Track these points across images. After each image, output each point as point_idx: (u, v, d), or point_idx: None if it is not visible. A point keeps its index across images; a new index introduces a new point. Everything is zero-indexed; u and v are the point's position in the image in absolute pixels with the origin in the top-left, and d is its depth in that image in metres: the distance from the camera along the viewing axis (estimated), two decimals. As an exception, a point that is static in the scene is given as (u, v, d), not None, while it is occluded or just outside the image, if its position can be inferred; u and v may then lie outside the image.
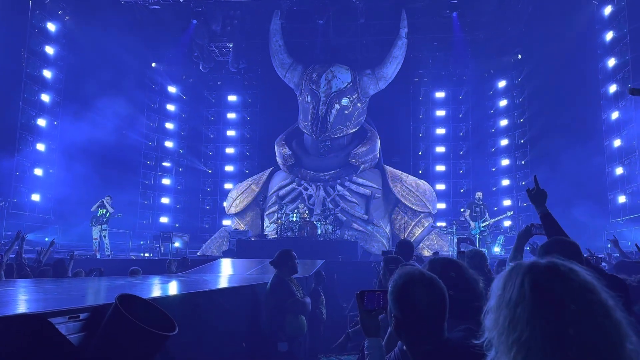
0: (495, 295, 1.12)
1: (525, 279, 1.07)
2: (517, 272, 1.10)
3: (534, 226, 3.32)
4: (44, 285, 4.02)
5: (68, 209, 14.39)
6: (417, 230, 16.78)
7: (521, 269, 1.10)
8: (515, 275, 1.10)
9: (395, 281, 1.82)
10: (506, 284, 1.10)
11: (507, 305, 1.07)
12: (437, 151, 18.66)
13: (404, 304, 1.76)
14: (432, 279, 1.79)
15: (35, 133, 14.39)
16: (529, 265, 1.10)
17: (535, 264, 1.10)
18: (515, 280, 1.09)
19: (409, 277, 1.79)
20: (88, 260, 12.07)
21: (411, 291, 1.75)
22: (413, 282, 1.77)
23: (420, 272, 1.83)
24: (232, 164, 19.72)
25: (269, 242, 13.60)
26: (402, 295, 1.77)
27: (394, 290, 1.80)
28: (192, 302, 3.22)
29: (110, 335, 1.89)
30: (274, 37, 17.49)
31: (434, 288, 1.76)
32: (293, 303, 4.65)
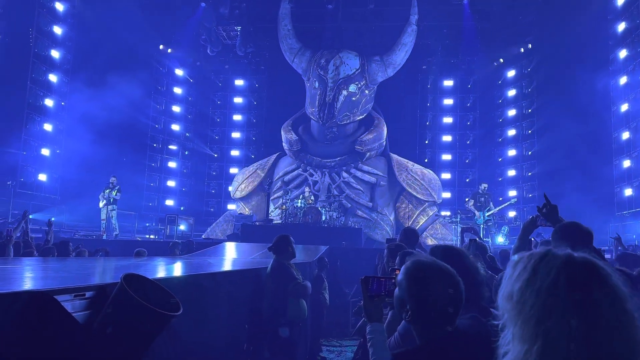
0: (521, 278, 1.09)
1: (561, 272, 1.06)
2: (552, 262, 1.08)
3: (540, 217, 3.30)
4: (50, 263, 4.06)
5: (74, 189, 14.48)
6: (421, 218, 16.78)
7: (557, 260, 1.08)
8: (550, 265, 1.07)
9: (410, 270, 1.82)
10: (536, 270, 1.08)
11: (538, 294, 1.05)
12: (444, 140, 18.58)
13: (418, 293, 1.76)
14: (448, 270, 1.80)
15: (42, 113, 14.42)
16: (566, 258, 1.08)
17: (571, 258, 1.08)
18: (550, 270, 1.07)
19: (424, 266, 1.79)
20: (94, 240, 12.16)
21: (427, 282, 1.75)
22: (429, 273, 1.77)
23: (436, 262, 1.83)
24: (238, 148, 19.72)
25: (273, 227, 13.64)
26: (417, 285, 1.77)
27: (410, 279, 1.79)
28: (197, 284, 3.24)
29: (116, 313, 1.91)
30: (283, 22, 17.38)
31: (450, 279, 1.77)
32: (295, 286, 4.68)
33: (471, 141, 18.44)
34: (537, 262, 1.10)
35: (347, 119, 17.33)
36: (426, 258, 1.89)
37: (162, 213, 16.92)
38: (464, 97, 18.66)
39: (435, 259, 1.89)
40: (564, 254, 1.10)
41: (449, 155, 18.43)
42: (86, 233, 13.60)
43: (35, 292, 1.79)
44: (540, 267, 1.08)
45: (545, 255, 1.10)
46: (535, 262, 1.10)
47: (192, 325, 2.89)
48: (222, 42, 19.04)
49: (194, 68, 19.54)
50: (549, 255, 1.10)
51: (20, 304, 1.72)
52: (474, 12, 16.19)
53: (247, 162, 19.12)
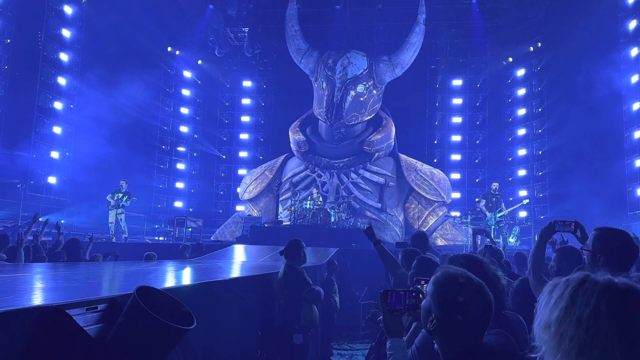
0: (559, 307, 1.03)
1: (602, 300, 1.00)
2: (591, 288, 1.02)
3: (557, 223, 3.20)
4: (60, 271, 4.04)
5: (84, 191, 14.53)
6: (430, 219, 16.69)
7: (597, 287, 1.02)
8: (589, 292, 1.01)
9: (441, 283, 1.76)
10: (574, 298, 1.02)
11: (578, 325, 0.99)
12: (453, 140, 18.45)
13: (448, 308, 1.69)
14: (482, 286, 1.74)
15: (51, 116, 14.48)
16: (606, 285, 1.02)
17: (612, 284, 1.02)
18: (590, 298, 1.01)
19: (457, 282, 1.73)
20: (103, 243, 12.19)
21: (459, 298, 1.69)
22: (462, 288, 1.71)
23: (468, 276, 1.77)
24: (246, 149, 19.72)
25: (282, 229, 13.61)
26: (448, 300, 1.70)
27: (439, 292, 1.74)
28: (208, 291, 3.20)
29: (129, 328, 1.87)
30: (290, 23, 17.35)
31: (482, 297, 1.71)
32: (310, 292, 4.62)
33: (481, 141, 18.30)
34: (575, 289, 1.03)
35: (355, 120, 17.28)
36: (457, 270, 1.83)
37: (171, 215, 16.95)
38: (473, 96, 18.53)
39: (466, 271, 1.82)
40: (604, 279, 1.03)
41: (459, 155, 18.30)
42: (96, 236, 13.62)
43: (47, 307, 1.75)
44: (579, 294, 1.02)
45: (584, 281, 1.04)
46: (574, 290, 1.03)
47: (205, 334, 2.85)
48: (229, 43, 19.05)
49: (201, 70, 19.56)
50: (588, 281, 1.04)
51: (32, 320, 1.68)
52: (483, 11, 16.08)
53: (255, 163, 19.11)
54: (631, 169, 13.60)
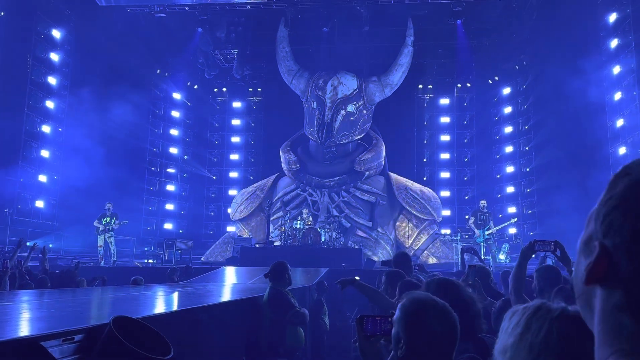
0: (515, 333, 1.05)
1: (553, 326, 1.01)
2: (545, 315, 1.04)
3: (537, 243, 3.25)
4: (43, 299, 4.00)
5: (72, 215, 14.42)
6: (422, 237, 16.71)
7: (549, 313, 1.04)
8: (542, 319, 1.03)
9: (406, 307, 1.80)
10: (529, 324, 1.04)
11: (530, 349, 1.00)
12: (442, 158, 18.60)
13: (413, 331, 1.73)
14: (444, 307, 1.77)
15: (39, 139, 14.44)
16: (559, 312, 1.04)
17: (565, 312, 1.04)
18: (542, 325, 1.03)
19: (420, 305, 1.77)
20: (92, 267, 12.07)
21: (423, 319, 1.73)
22: (425, 310, 1.75)
23: (432, 299, 1.81)
24: (237, 170, 19.73)
25: (272, 249, 13.56)
26: (412, 323, 1.75)
27: (404, 316, 1.77)
28: (192, 319, 3.19)
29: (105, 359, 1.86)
30: (281, 44, 17.53)
31: (446, 317, 1.74)
32: (294, 315, 4.60)
33: (469, 158, 18.47)
34: (530, 316, 1.06)
35: (345, 139, 17.38)
36: (421, 294, 1.86)
37: (161, 237, 16.83)
38: (461, 114, 18.75)
39: (430, 295, 1.86)
40: (557, 307, 1.06)
41: (448, 173, 18.43)
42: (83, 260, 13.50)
43: (22, 340, 1.75)
44: (532, 321, 1.05)
45: (539, 309, 1.07)
46: (528, 317, 1.06)
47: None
48: (219, 65, 19.18)
49: (191, 91, 19.65)
50: (542, 309, 1.06)
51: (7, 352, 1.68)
52: (468, 31, 16.35)
53: (245, 183, 19.10)
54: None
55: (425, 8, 16.10)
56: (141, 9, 16.18)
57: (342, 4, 15.93)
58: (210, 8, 16.33)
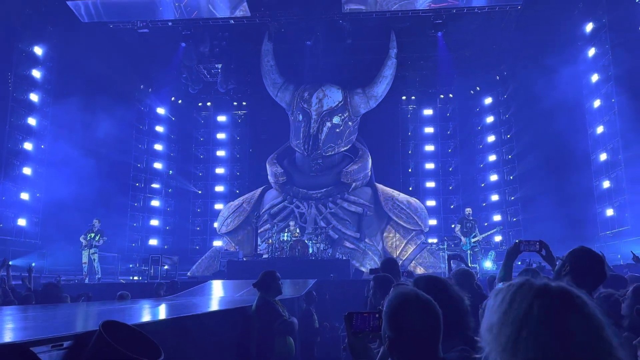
0: (500, 310, 1.09)
1: (535, 301, 1.05)
2: (527, 291, 1.08)
3: (522, 243, 3.30)
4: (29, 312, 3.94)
5: (55, 232, 14.20)
6: (409, 247, 16.78)
7: (532, 289, 1.08)
8: (525, 295, 1.07)
9: (391, 301, 1.82)
10: (513, 301, 1.08)
11: (512, 324, 1.05)
12: (427, 168, 18.75)
13: (397, 324, 1.75)
14: (428, 300, 1.79)
15: (21, 157, 14.26)
16: (540, 288, 1.08)
17: (546, 287, 1.07)
18: (524, 300, 1.06)
19: (404, 298, 1.79)
20: (76, 285, 11.89)
21: (406, 312, 1.75)
22: (408, 303, 1.77)
23: (415, 293, 1.82)
24: (223, 184, 19.65)
25: (259, 262, 13.50)
26: (396, 316, 1.76)
27: (388, 310, 1.79)
28: (180, 327, 3.17)
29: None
30: (265, 58, 17.63)
31: (429, 310, 1.76)
32: (282, 324, 4.58)
33: (453, 168, 18.65)
34: (514, 292, 1.09)
35: (331, 150, 17.47)
36: (406, 288, 1.88)
37: (146, 253, 16.64)
38: (444, 125, 18.97)
39: (415, 289, 1.88)
40: (540, 283, 1.10)
41: (433, 183, 18.58)
42: (68, 277, 13.29)
43: (11, 345, 1.73)
44: (516, 297, 1.08)
45: (522, 285, 1.10)
46: (513, 293, 1.09)
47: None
48: (203, 79, 19.20)
49: (175, 106, 19.61)
50: (526, 284, 1.10)
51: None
52: (449, 42, 16.59)
53: (232, 197, 19.03)
54: (600, 190, 13.97)
55: (406, 21, 16.34)
56: (124, 25, 16.16)
57: (324, 18, 16.10)
58: (193, 23, 16.38)
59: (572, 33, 14.86)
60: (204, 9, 15.72)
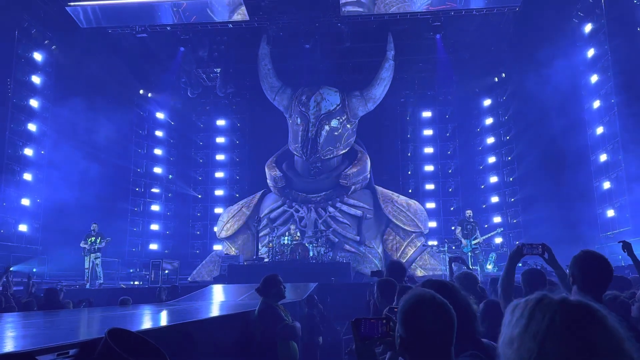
0: (519, 324, 1.10)
1: (556, 314, 1.06)
2: (548, 305, 1.09)
3: (525, 246, 3.27)
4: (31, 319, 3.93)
5: (56, 238, 14.18)
6: (409, 250, 16.75)
7: (552, 303, 1.09)
8: (546, 308, 1.09)
9: (406, 301, 1.82)
10: (533, 315, 1.09)
11: (534, 339, 1.05)
12: (426, 170, 18.75)
13: (412, 325, 1.75)
14: (443, 302, 1.79)
15: (22, 163, 14.25)
16: (561, 301, 1.09)
17: (567, 300, 1.10)
18: (545, 314, 1.08)
19: (420, 298, 1.80)
20: (77, 290, 11.87)
21: (422, 313, 1.75)
22: (424, 304, 1.77)
23: (432, 294, 1.83)
24: (222, 188, 19.65)
25: (260, 266, 13.49)
26: (412, 316, 1.76)
27: (403, 310, 1.80)
28: (184, 333, 3.16)
29: (101, 371, 1.85)
30: (263, 62, 17.63)
31: (444, 312, 1.76)
32: (283, 328, 4.56)
33: (453, 170, 18.64)
34: (533, 307, 1.11)
35: (330, 154, 17.45)
36: (422, 290, 1.89)
37: (146, 258, 16.63)
38: (443, 127, 18.97)
39: (431, 291, 1.88)
40: (559, 297, 1.11)
41: (432, 185, 18.58)
42: (69, 283, 13.27)
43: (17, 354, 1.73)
44: (536, 311, 1.09)
45: (542, 299, 1.12)
46: (532, 307, 1.11)
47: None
48: (202, 84, 19.20)
49: (174, 111, 19.61)
50: (545, 299, 1.11)
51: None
52: (447, 45, 16.62)
53: (231, 201, 19.02)
54: (600, 190, 13.97)
55: (404, 23, 16.37)
56: (122, 30, 16.18)
57: (323, 21, 16.12)
58: (191, 27, 16.40)
59: (570, 34, 14.88)
60: (203, 13, 15.74)
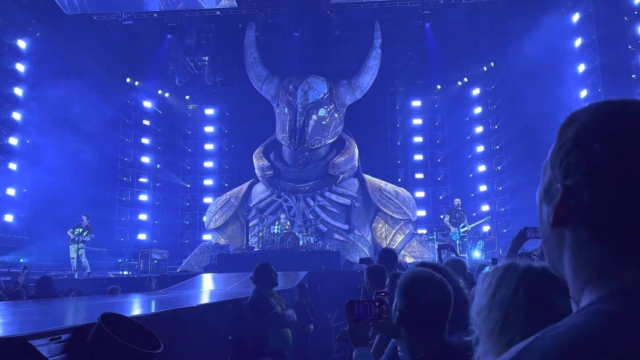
0: (488, 293, 1.11)
1: (520, 283, 1.08)
2: (512, 274, 1.10)
3: (529, 230, 3.19)
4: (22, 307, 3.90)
5: (43, 228, 14.07)
6: (398, 237, 16.85)
7: (516, 272, 1.10)
8: (510, 278, 1.10)
9: (406, 277, 1.90)
10: (499, 284, 1.10)
11: (500, 307, 1.07)
12: (415, 159, 18.83)
13: (412, 299, 1.82)
14: (441, 279, 1.87)
15: (6, 152, 14.06)
16: (525, 269, 1.10)
17: (530, 268, 1.10)
18: (510, 283, 1.09)
19: (420, 274, 1.88)
20: (66, 280, 11.77)
21: (422, 288, 1.82)
22: (424, 280, 1.85)
23: (431, 272, 1.91)
24: (211, 177, 19.56)
25: (250, 255, 13.50)
26: (412, 291, 1.83)
27: (403, 285, 1.87)
28: (176, 319, 3.16)
29: (95, 355, 1.84)
30: (249, 50, 17.49)
31: (443, 288, 1.83)
32: (271, 317, 4.61)
33: (442, 159, 18.73)
34: (500, 276, 1.12)
35: (318, 143, 17.42)
36: (423, 269, 1.97)
37: (135, 248, 16.55)
38: (432, 116, 19.02)
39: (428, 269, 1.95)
40: (524, 265, 1.12)
41: (422, 174, 18.66)
42: (57, 273, 13.18)
43: (9, 338, 1.72)
44: (502, 280, 1.11)
45: (508, 268, 1.13)
46: (499, 276, 1.12)
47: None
48: (190, 72, 19.03)
49: (162, 99, 19.42)
50: (511, 268, 1.12)
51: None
52: (436, 33, 16.62)
53: (220, 191, 18.95)
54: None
55: (394, 12, 16.33)
56: (108, 17, 15.96)
57: (313, 9, 16.03)
58: (179, 14, 16.22)
59: (558, 24, 14.94)
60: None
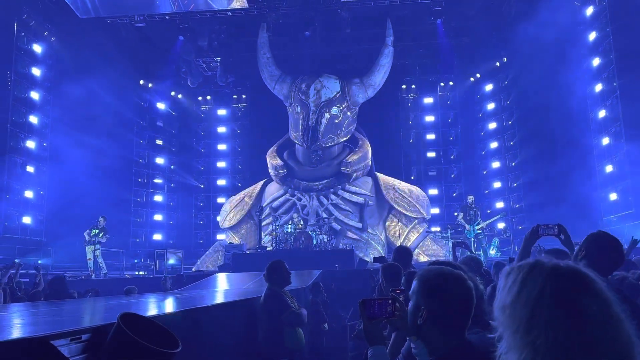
0: (512, 291, 1.12)
1: (547, 282, 1.08)
2: (539, 272, 1.10)
3: (541, 227, 3.16)
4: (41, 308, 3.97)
5: (60, 230, 14.25)
6: (412, 236, 16.81)
7: (543, 270, 1.11)
8: (537, 276, 1.10)
9: (424, 276, 1.89)
10: (525, 282, 1.11)
11: (525, 305, 1.08)
12: (428, 156, 18.72)
13: (437, 294, 1.81)
14: (461, 274, 1.87)
15: (24, 155, 14.28)
16: (551, 268, 1.10)
17: (557, 267, 1.11)
18: (536, 281, 1.09)
19: (441, 271, 1.88)
20: (83, 281, 11.95)
21: (445, 284, 1.82)
22: (447, 277, 1.84)
23: (448, 268, 1.91)
24: (224, 177, 19.67)
25: (264, 254, 13.54)
26: (436, 287, 1.83)
27: (426, 282, 1.86)
28: (192, 319, 3.19)
29: (115, 355, 1.87)
30: (262, 50, 17.56)
31: (464, 282, 1.84)
32: (289, 315, 4.56)
33: (455, 156, 18.61)
34: (526, 273, 1.12)
35: (331, 141, 17.43)
36: (438, 266, 1.98)
37: (151, 248, 16.71)
38: (445, 113, 18.91)
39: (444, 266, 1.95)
40: (551, 263, 1.12)
41: (435, 172, 18.57)
42: (74, 274, 13.35)
43: (32, 339, 1.75)
44: (528, 278, 1.11)
45: (534, 266, 1.13)
46: (525, 274, 1.13)
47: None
48: (202, 73, 19.15)
49: (175, 101, 19.58)
50: (537, 266, 1.13)
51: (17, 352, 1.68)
52: (448, 30, 16.52)
53: (234, 190, 19.06)
54: (603, 174, 13.94)
55: (405, 9, 16.26)
56: (121, 20, 16.12)
57: (323, 8, 16.02)
58: (190, 16, 16.32)
59: (572, 17, 14.75)
60: (201, 1, 15.65)
